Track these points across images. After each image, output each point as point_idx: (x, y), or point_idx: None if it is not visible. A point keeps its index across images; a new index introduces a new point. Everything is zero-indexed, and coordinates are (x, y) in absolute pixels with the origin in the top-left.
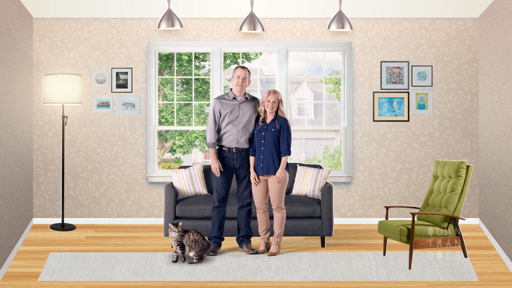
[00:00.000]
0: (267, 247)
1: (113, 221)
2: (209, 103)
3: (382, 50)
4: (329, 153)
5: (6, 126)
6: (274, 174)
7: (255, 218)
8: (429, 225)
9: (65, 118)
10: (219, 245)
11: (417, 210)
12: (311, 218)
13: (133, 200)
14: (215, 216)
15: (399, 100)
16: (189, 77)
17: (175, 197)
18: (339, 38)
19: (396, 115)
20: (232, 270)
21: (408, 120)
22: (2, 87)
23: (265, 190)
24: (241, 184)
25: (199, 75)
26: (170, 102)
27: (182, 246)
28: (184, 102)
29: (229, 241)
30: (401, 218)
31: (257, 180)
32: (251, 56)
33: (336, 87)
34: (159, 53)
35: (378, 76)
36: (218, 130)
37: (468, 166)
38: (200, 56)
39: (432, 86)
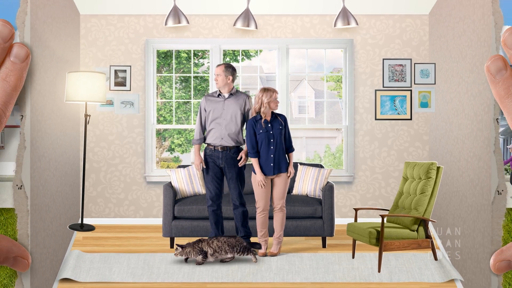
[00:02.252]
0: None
1: (110, 221)
2: (201, 100)
3: (385, 47)
4: (330, 152)
5: (62, 124)
6: (285, 171)
7: (253, 218)
8: (399, 227)
9: (88, 117)
10: None
11: (387, 213)
12: (312, 218)
13: (131, 200)
14: (210, 215)
15: (402, 98)
16: (188, 74)
17: (173, 197)
18: (340, 35)
19: (399, 114)
20: (232, 271)
21: (410, 119)
22: (58, 82)
23: (270, 191)
24: (230, 185)
25: (198, 72)
26: (168, 100)
27: (205, 255)
28: (183, 100)
29: None
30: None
31: (265, 182)
32: (251, 54)
33: (338, 85)
34: (158, 51)
35: (380, 73)
36: (205, 128)
37: (438, 168)
38: (199, 53)
39: (435, 84)
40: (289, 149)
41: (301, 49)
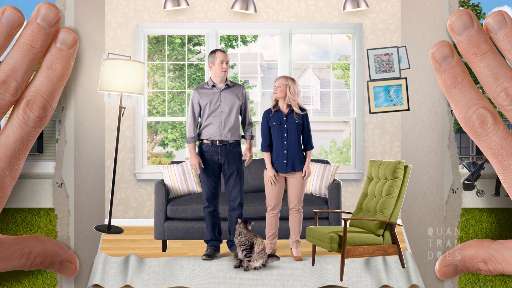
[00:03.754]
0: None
1: None
2: (192, 94)
3: (396, 32)
4: (336, 147)
5: (96, 115)
6: (300, 170)
7: (262, 218)
8: (363, 232)
9: (123, 109)
10: (217, 248)
11: (350, 216)
12: (317, 219)
13: (120, 199)
14: (206, 216)
15: (397, 88)
16: (181, 62)
17: (166, 196)
18: (348, 20)
19: (395, 105)
20: (230, 277)
21: (408, 109)
22: (92, 69)
23: (283, 189)
24: (229, 183)
25: (193, 60)
26: (161, 90)
27: (249, 252)
28: (177, 90)
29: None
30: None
31: (276, 179)
32: (248, 39)
33: (345, 73)
34: (149, 36)
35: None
36: (200, 124)
37: (406, 167)
38: (193, 39)
39: (409, 68)
40: (307, 146)
41: (305, 35)
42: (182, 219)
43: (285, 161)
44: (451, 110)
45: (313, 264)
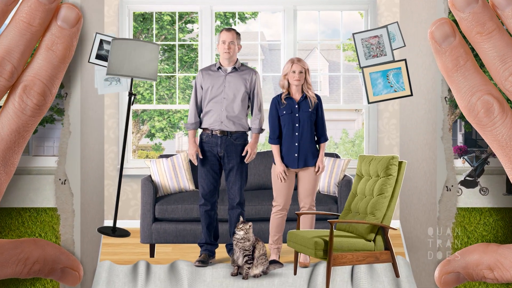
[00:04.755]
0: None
1: None
2: (196, 76)
3: None
4: (348, 139)
5: (97, 102)
6: (313, 165)
7: (265, 220)
8: (352, 237)
9: (133, 96)
10: (212, 253)
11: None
12: (326, 220)
13: (102, 197)
14: (202, 216)
15: (396, 71)
16: (172, 42)
17: (154, 194)
18: None
19: (396, 91)
20: (226, 286)
21: (411, 94)
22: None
23: (293, 186)
24: (229, 179)
25: (184, 40)
26: None
27: (251, 259)
28: (166, 74)
29: (223, 249)
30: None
31: (286, 175)
32: (246, 16)
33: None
34: (134, 13)
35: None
36: (201, 110)
37: (400, 163)
38: (184, 16)
39: (405, 46)
40: (321, 138)
41: (312, 11)
42: (172, 220)
43: (296, 155)
44: (445, 97)
45: (295, 273)
